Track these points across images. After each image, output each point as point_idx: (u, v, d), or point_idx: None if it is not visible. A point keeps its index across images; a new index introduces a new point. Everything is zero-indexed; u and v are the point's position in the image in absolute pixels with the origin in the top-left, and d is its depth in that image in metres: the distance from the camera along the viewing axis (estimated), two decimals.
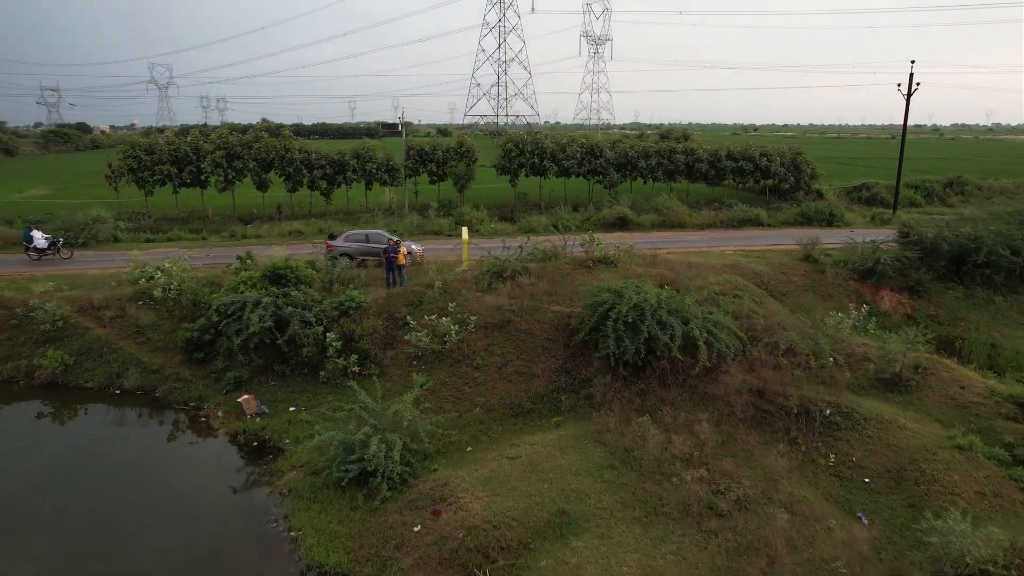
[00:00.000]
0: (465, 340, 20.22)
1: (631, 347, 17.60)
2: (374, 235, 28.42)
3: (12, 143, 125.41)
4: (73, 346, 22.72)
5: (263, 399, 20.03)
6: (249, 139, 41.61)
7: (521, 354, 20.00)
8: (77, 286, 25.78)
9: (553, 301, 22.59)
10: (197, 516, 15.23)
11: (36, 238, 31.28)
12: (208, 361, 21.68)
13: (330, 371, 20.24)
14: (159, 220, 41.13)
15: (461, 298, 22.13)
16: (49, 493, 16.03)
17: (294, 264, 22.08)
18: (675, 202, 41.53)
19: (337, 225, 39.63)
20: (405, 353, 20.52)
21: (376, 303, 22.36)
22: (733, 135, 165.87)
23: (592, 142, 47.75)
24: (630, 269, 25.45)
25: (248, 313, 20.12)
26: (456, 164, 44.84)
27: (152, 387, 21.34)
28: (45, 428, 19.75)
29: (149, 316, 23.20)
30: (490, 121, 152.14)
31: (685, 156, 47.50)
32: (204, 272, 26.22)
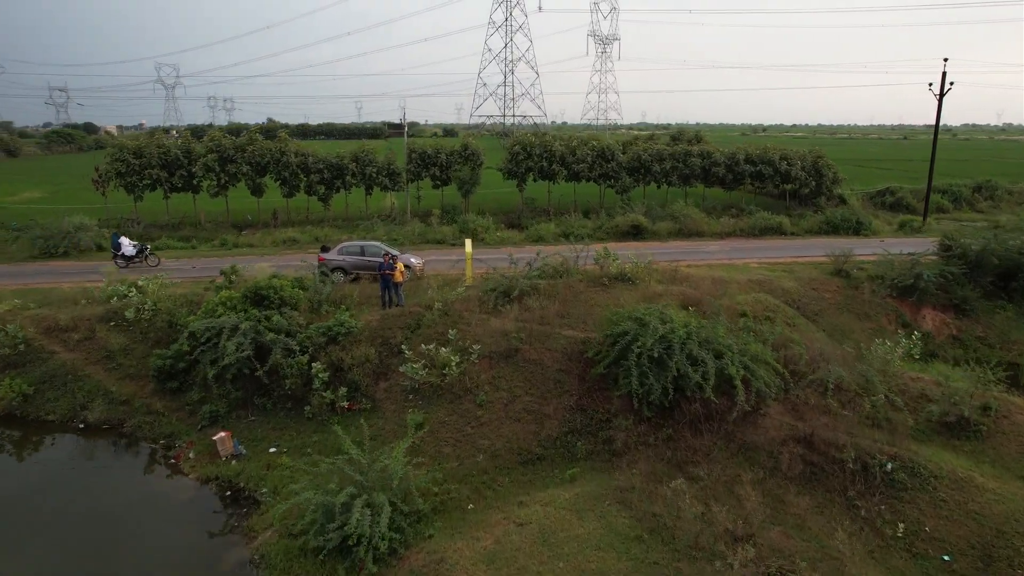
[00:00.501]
0: (467, 372, 17.98)
1: (657, 386, 15.33)
2: (370, 247, 26.21)
3: (14, 143, 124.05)
4: (35, 373, 20.60)
5: (241, 436, 17.84)
6: (243, 141, 39.49)
7: (530, 389, 17.74)
8: (46, 303, 23.65)
9: (565, 324, 20.33)
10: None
11: (124, 245, 30.08)
12: (183, 391, 19.52)
13: (316, 406, 18.05)
14: (148, 227, 39.07)
15: (463, 322, 19.89)
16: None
17: (278, 284, 19.87)
18: (692, 209, 39.19)
19: (334, 233, 37.53)
20: (400, 385, 18.30)
21: (369, 327, 20.14)
22: (742, 135, 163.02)
23: (603, 145, 45.46)
24: (649, 287, 23.17)
25: (224, 341, 17.93)
26: (460, 168, 42.62)
27: (120, 420, 19.19)
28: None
29: (120, 339, 21.06)
30: (497, 121, 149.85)
31: (701, 159, 45.13)
32: (184, 289, 24.07)
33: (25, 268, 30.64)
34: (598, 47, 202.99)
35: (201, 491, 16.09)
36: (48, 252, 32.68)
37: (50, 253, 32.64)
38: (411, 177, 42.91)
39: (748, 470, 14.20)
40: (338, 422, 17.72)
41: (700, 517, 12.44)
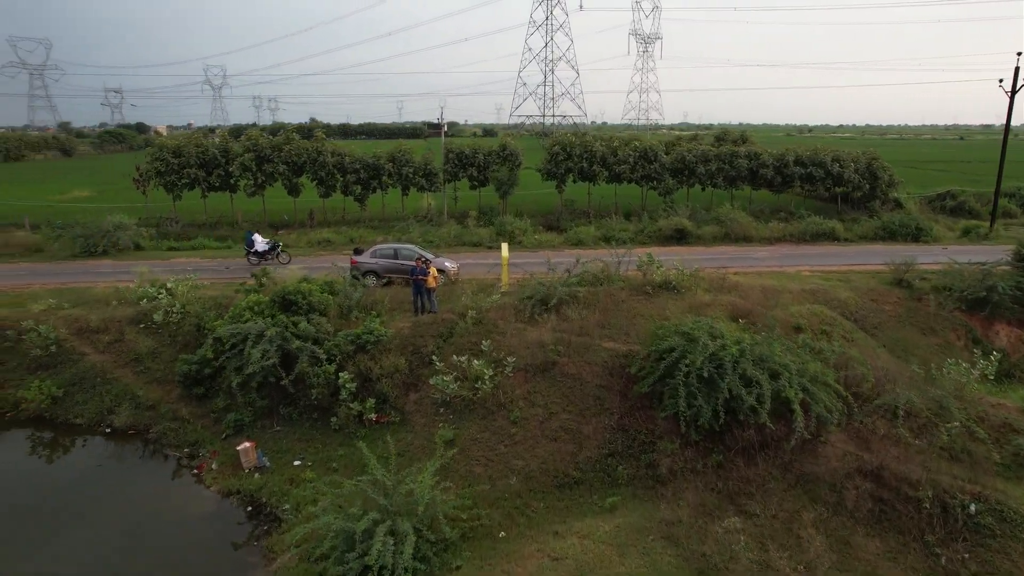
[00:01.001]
0: (501, 386, 16.96)
1: (706, 408, 14.07)
2: (404, 251, 25.39)
3: (69, 143, 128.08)
4: (65, 375, 20.31)
5: (265, 447, 17.16)
6: (280, 141, 39.21)
7: (568, 405, 16.63)
8: (80, 303, 23.44)
9: (606, 336, 19.17)
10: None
11: (257, 242, 29.90)
12: (208, 398, 18.96)
13: (343, 417, 17.26)
14: (187, 226, 39.09)
15: (497, 332, 18.89)
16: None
17: (306, 288, 19.16)
18: (739, 213, 37.46)
19: (369, 234, 36.96)
20: (430, 398, 17.39)
21: (400, 335, 19.29)
22: (787, 136, 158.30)
23: (646, 145, 43.99)
24: (696, 296, 21.85)
25: (249, 348, 17.27)
26: (498, 169, 41.66)
27: (146, 426, 18.72)
28: (14, 471, 17.25)
29: (148, 342, 20.65)
30: (536, 121, 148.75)
31: (748, 161, 43.30)
32: (215, 291, 23.59)
33: (65, 267, 30.73)
34: (639, 46, 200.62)
35: (222, 505, 15.42)
36: (88, 251, 32.78)
37: (90, 252, 32.73)
38: (448, 178, 42.13)
39: (809, 506, 12.86)
40: (365, 435, 16.93)
41: (757, 562, 11.19)
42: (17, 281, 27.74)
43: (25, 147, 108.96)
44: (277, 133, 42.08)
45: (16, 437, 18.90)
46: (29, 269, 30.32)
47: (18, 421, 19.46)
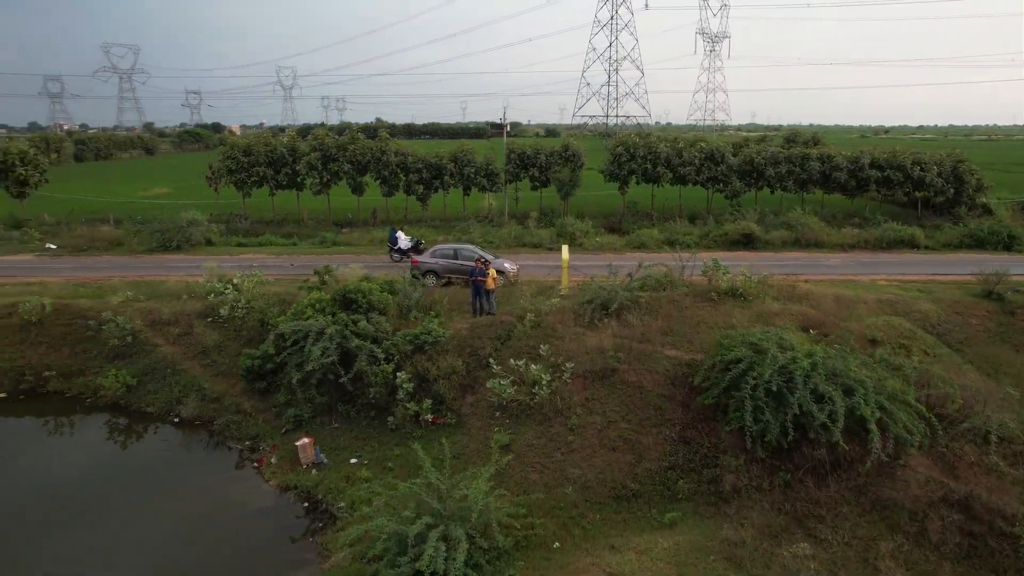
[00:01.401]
0: (559, 391, 16.62)
1: (774, 424, 13.36)
2: (464, 251, 25.34)
3: (152, 143, 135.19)
4: (139, 364, 21.11)
5: (323, 444, 17.33)
6: (345, 140, 39.95)
7: (628, 414, 16.14)
8: (154, 296, 24.36)
9: (669, 343, 18.56)
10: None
11: (400, 239, 30.20)
12: (270, 392, 19.32)
13: (399, 417, 17.27)
14: (255, 223, 40.26)
15: (556, 336, 18.55)
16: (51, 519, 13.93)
17: (367, 287, 19.30)
18: (811, 217, 35.90)
19: (431, 233, 37.16)
20: (487, 401, 17.19)
21: (458, 336, 19.18)
22: (861, 137, 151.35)
23: (712, 146, 42.79)
24: (764, 304, 20.95)
25: (309, 345, 17.48)
26: (560, 169, 41.28)
27: (211, 417, 19.23)
28: (93, 453, 17.99)
29: (214, 336, 21.24)
30: (600, 122, 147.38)
31: (821, 163, 41.51)
32: (279, 288, 24.09)
33: (142, 260, 32.09)
34: (706, 45, 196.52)
35: (280, 500, 15.64)
36: (164, 245, 34.14)
37: (165, 246, 34.07)
38: (510, 178, 42.03)
39: (886, 535, 12.01)
40: (420, 436, 16.89)
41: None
42: (100, 273, 29.10)
43: (113, 147, 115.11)
44: (343, 133, 42.91)
45: (96, 422, 19.73)
46: (110, 262, 31.77)
47: (97, 407, 20.34)
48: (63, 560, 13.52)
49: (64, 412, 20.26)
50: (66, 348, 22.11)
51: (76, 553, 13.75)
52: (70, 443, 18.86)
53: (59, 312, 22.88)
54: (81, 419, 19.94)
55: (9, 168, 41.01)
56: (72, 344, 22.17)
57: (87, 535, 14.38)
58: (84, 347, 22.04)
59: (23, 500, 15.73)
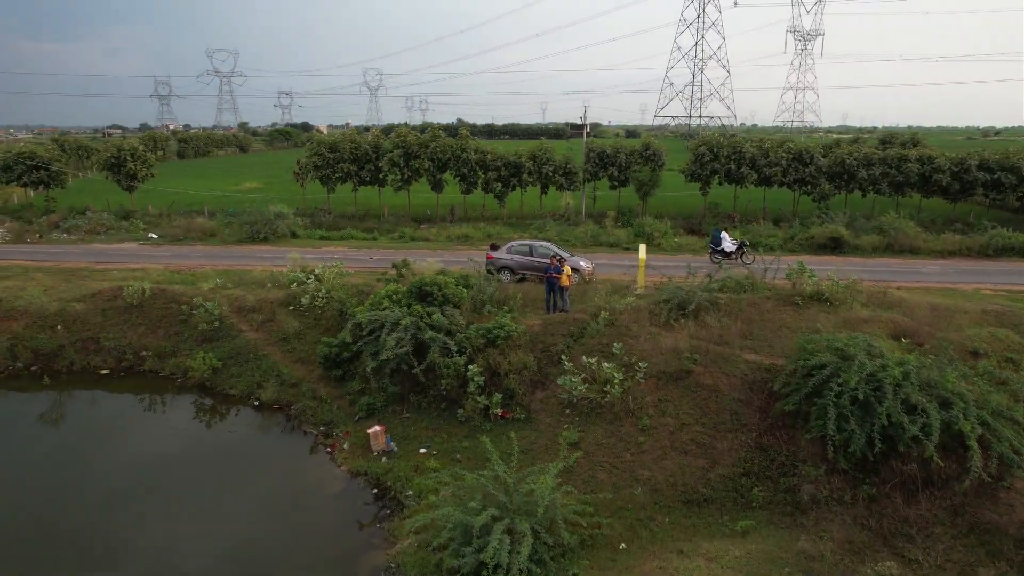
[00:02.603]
0: (631, 391, 16.27)
1: (859, 434, 12.60)
2: (539, 248, 25.29)
3: (245, 141, 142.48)
4: (224, 348, 22.14)
5: (394, 433, 17.63)
6: (426, 138, 40.69)
7: (702, 418, 15.63)
8: (241, 283, 25.55)
9: (748, 347, 17.88)
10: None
11: (724, 240, 28.50)
12: (346, 380, 19.85)
13: (469, 409, 17.35)
14: (338, 217, 41.60)
15: (630, 335, 18.19)
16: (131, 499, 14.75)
17: (442, 281, 19.52)
18: (906, 222, 33.78)
19: (507, 231, 37.35)
20: (557, 398, 17.05)
21: (530, 332, 19.12)
22: (967, 139, 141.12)
23: (801, 147, 41.06)
24: (852, 311, 19.87)
25: (385, 335, 17.84)
26: (640, 169, 40.62)
27: (288, 403, 19.92)
28: (178, 431, 19.01)
29: (295, 324, 22.01)
30: (682, 122, 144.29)
31: (920, 165, 39.10)
32: (359, 279, 24.75)
33: (232, 250, 33.74)
34: (797, 43, 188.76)
35: (350, 485, 16.01)
36: (252, 237, 35.78)
37: (253, 238, 35.71)
38: (588, 177, 41.71)
39: (986, 561, 11.09)
40: (489, 430, 16.92)
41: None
42: (193, 261, 30.80)
43: (211, 144, 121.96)
44: (424, 132, 43.77)
45: (183, 402, 20.82)
46: (203, 251, 33.57)
47: (186, 387, 21.47)
48: (146, 533, 14.30)
49: (157, 390, 21.49)
50: (162, 330, 23.47)
51: (157, 527, 14.52)
52: (159, 421, 19.95)
53: (156, 296, 24.31)
54: (171, 398, 21.09)
55: (121, 163, 44.03)
56: (167, 326, 23.51)
57: (169, 510, 15.17)
58: (177, 329, 23.32)
59: (113, 472, 16.79)
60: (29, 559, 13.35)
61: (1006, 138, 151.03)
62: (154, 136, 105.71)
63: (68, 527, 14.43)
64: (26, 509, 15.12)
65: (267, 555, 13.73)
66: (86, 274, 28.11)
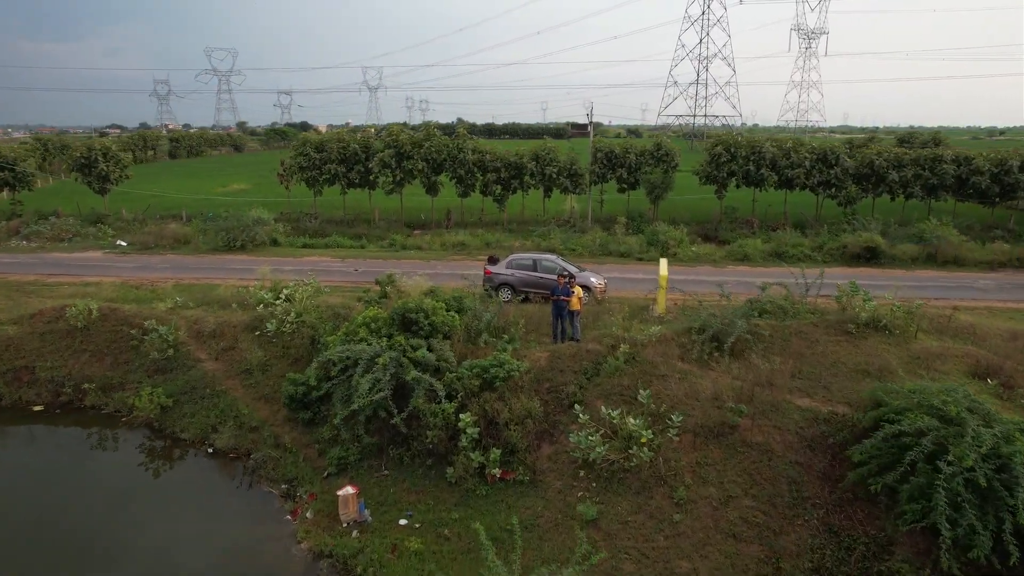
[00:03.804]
0: (662, 451, 13.07)
1: (983, 535, 9.39)
2: (544, 262, 22.01)
3: (240, 140, 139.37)
4: (178, 381, 18.94)
5: (369, 495, 14.42)
6: (420, 137, 37.49)
7: (752, 487, 12.43)
8: (205, 302, 22.33)
9: (799, 389, 14.69)
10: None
11: None
12: (315, 424, 16.62)
13: (461, 469, 14.12)
14: (325, 223, 38.36)
15: (656, 375, 14.98)
16: None
17: (430, 306, 16.26)
18: (948, 228, 30.53)
19: (507, 238, 34.16)
20: (569, 455, 13.83)
21: (535, 368, 15.92)
22: (973, 139, 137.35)
23: (826, 147, 37.92)
24: (917, 341, 16.68)
25: (358, 376, 14.62)
26: (651, 170, 37.42)
27: (247, 450, 16.71)
28: (113, 482, 15.85)
29: (259, 353, 18.78)
30: (686, 122, 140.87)
31: (956, 166, 35.92)
32: (337, 299, 21.52)
33: (204, 260, 30.55)
34: (802, 41, 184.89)
35: (311, 570, 12.78)
36: (228, 245, 32.57)
37: (230, 246, 32.50)
38: (595, 179, 38.49)
39: None
40: (485, 494, 13.75)
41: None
42: (158, 273, 27.63)
43: (204, 144, 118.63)
44: (417, 130, 40.58)
45: (125, 445, 17.68)
46: (172, 261, 30.38)
47: (133, 427, 18.30)
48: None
49: (96, 431, 18.35)
50: (109, 358, 20.28)
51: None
52: (90, 471, 16.79)
53: (106, 318, 21.10)
54: (111, 442, 17.94)
55: (92, 164, 40.86)
56: (115, 353, 20.31)
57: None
58: (127, 357, 20.12)
59: (30, 526, 13.67)
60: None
61: (1010, 138, 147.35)
62: (144, 135, 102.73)
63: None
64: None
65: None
66: (32, 289, 24.91)
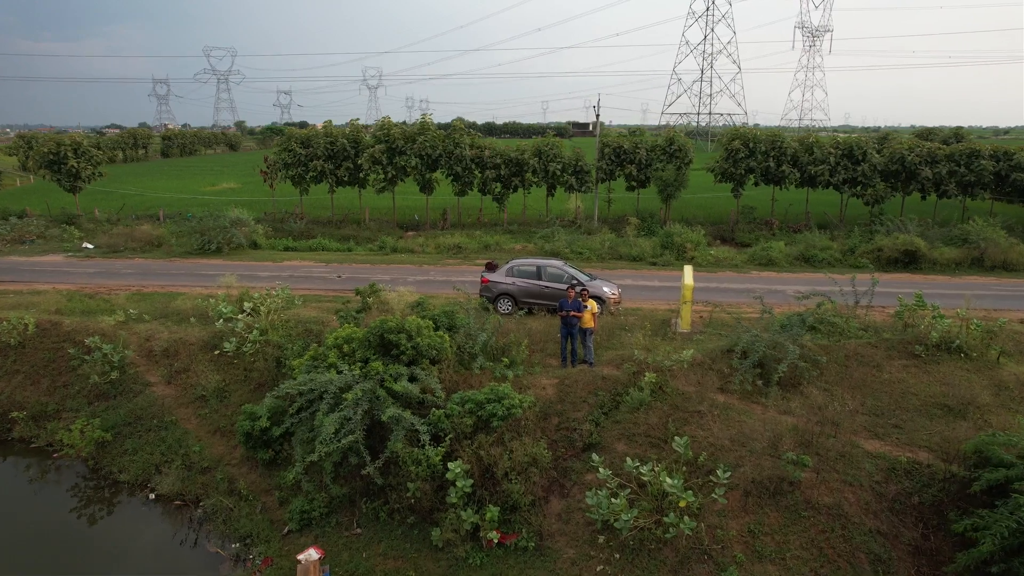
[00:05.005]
0: (704, 513, 10.24)
1: None
2: (550, 269, 19.17)
3: (236, 139, 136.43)
4: (120, 412, 16.10)
5: (337, 561, 11.60)
6: (413, 131, 34.64)
7: (824, 564, 9.60)
8: (163, 315, 19.52)
9: (865, 428, 11.89)
10: None
11: None
12: (278, 465, 13.81)
13: (449, 531, 11.29)
14: (311, 224, 35.49)
15: (690, 410, 12.16)
16: None
17: (414, 325, 13.44)
18: (996, 230, 27.68)
19: (507, 240, 31.34)
20: (585, 516, 11.01)
21: (541, 401, 13.10)
22: (978, 139, 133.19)
23: (852, 142, 35.14)
24: (999, 367, 13.88)
25: (322, 415, 11.80)
26: (663, 167, 34.56)
27: (196, 497, 13.91)
28: (25, 541, 13.02)
29: (215, 378, 15.96)
30: (689, 120, 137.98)
31: (996, 162, 33.14)
32: (313, 310, 18.73)
33: (174, 265, 27.72)
34: (806, 40, 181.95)
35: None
36: (203, 248, 29.75)
37: (204, 249, 29.68)
38: (602, 176, 35.62)
39: None
40: (480, 564, 10.92)
41: None
42: (120, 280, 24.81)
43: (199, 143, 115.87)
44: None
45: (49, 490, 14.89)
46: (139, 267, 27.54)
47: (65, 465, 15.53)
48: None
49: (19, 470, 15.55)
50: (46, 380, 17.49)
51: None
52: (6, 517, 13.98)
53: (45, 333, 18.34)
54: (36, 484, 15.13)
55: (61, 160, 38.06)
56: (53, 375, 17.53)
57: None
58: (65, 380, 17.33)
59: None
60: None
61: (1015, 137, 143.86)
62: (135, 133, 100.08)
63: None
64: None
65: None
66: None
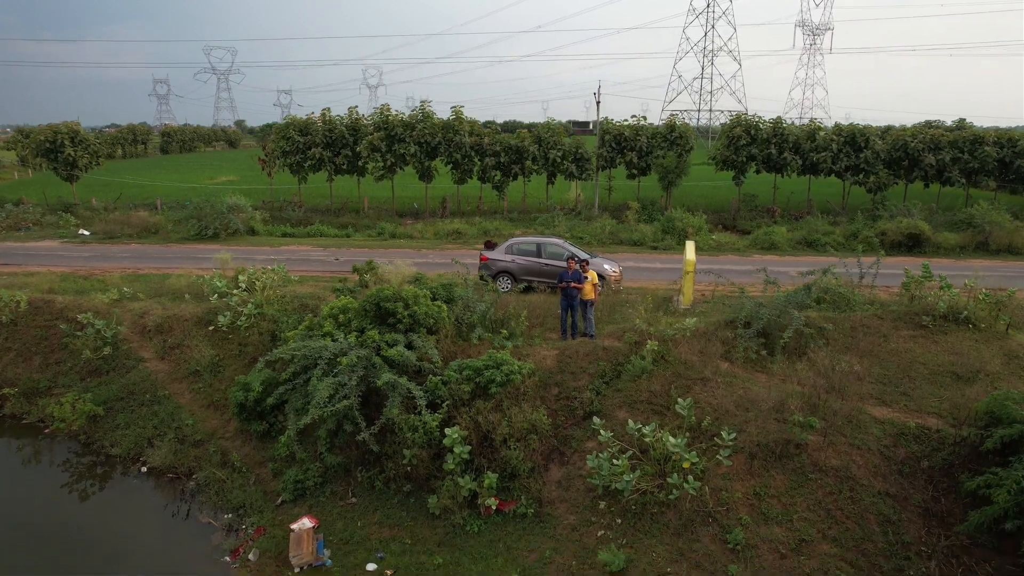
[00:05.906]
0: (708, 476, 9.97)
1: None
2: (549, 246, 18.94)
3: (235, 136, 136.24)
4: (112, 387, 15.86)
5: (331, 529, 11.34)
6: (412, 118, 34.36)
7: (832, 526, 9.33)
8: (158, 293, 19.27)
9: (872, 396, 11.62)
10: None
11: None
12: (271, 438, 13.54)
13: (446, 498, 11.02)
14: (309, 211, 35.23)
15: (693, 377, 11.89)
16: None
17: (411, 294, 13.17)
18: (1001, 214, 27.41)
19: (507, 227, 31.03)
20: (586, 482, 10.74)
21: (540, 370, 12.84)
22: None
23: (854, 129, 34.93)
24: (1008, 337, 13.61)
25: (315, 380, 11.54)
26: (664, 154, 34.30)
27: (188, 470, 13.64)
28: (15, 514, 12.76)
29: (209, 352, 15.69)
30: (690, 117, 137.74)
31: (999, 149, 32.95)
32: (308, 288, 18.48)
33: (170, 250, 27.47)
34: (806, 38, 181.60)
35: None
36: (200, 234, 29.51)
37: (201, 235, 29.44)
38: (603, 164, 35.37)
39: None
40: (478, 531, 10.64)
41: None
42: (116, 263, 24.54)
43: (197, 139, 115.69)
44: None
45: (40, 467, 14.64)
46: (134, 251, 27.28)
47: (57, 440, 15.27)
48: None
49: (11, 446, 15.28)
50: (38, 357, 17.25)
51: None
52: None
53: (38, 311, 18.10)
54: (28, 459, 14.88)
55: (58, 148, 37.83)
56: (45, 352, 17.29)
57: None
58: (58, 357, 17.09)
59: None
60: None
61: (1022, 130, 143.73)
62: (134, 129, 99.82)
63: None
64: None
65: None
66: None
